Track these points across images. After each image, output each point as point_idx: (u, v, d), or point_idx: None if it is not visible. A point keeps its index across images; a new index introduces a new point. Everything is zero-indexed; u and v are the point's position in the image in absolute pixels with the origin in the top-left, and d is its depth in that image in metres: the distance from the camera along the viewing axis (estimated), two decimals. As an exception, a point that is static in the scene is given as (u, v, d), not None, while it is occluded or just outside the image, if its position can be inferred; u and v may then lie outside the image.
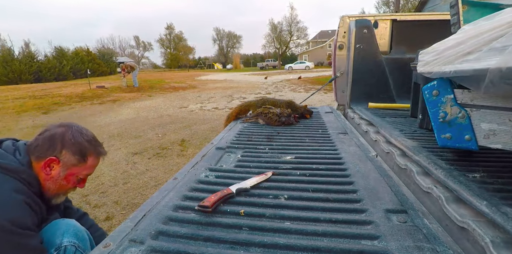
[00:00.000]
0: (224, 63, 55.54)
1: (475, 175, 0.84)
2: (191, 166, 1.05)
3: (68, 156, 0.91)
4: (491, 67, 0.62)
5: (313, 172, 0.97)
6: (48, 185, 0.91)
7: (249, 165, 1.06)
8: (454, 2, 1.33)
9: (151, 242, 0.60)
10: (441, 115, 0.90)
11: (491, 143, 0.81)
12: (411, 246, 0.57)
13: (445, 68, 0.81)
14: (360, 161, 1.06)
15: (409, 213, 0.70)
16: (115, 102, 8.50)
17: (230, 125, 1.79)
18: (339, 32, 2.62)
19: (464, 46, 0.74)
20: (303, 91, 10.36)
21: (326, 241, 0.61)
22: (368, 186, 0.85)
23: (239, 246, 0.60)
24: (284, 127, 1.69)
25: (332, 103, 5.88)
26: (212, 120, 5.65)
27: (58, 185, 0.92)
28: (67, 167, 0.92)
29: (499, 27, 0.65)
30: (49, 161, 0.89)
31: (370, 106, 2.20)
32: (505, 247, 0.56)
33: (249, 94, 9.68)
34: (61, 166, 0.91)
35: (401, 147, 1.17)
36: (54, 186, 0.92)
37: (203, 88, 12.55)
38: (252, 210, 0.73)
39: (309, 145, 1.30)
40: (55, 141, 0.91)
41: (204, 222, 0.68)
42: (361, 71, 2.36)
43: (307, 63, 33.97)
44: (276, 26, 46.14)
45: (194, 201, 0.78)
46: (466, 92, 0.85)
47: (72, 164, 0.92)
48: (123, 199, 2.46)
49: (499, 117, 0.78)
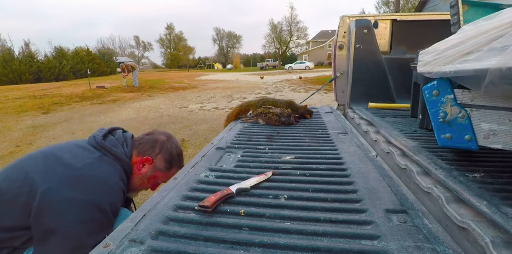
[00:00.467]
0: (224, 63, 55.55)
1: (475, 175, 0.84)
2: (191, 166, 1.05)
3: (160, 161, 1.03)
4: (491, 67, 0.62)
5: (313, 172, 0.97)
6: (133, 180, 1.00)
7: (249, 165, 1.06)
8: (454, 2, 1.33)
9: (151, 242, 0.60)
10: (441, 115, 0.90)
11: (491, 143, 0.81)
12: (411, 246, 0.57)
13: (445, 68, 0.81)
14: (360, 161, 1.06)
15: (409, 213, 0.70)
16: (115, 102, 8.50)
17: (230, 125, 1.79)
18: (339, 32, 2.62)
19: (464, 46, 0.74)
20: (303, 91, 10.36)
21: (326, 241, 0.61)
22: (368, 186, 0.85)
23: (239, 246, 0.60)
24: (284, 126, 1.69)
25: (332, 103, 5.89)
26: (212, 120, 5.65)
27: (140, 182, 1.01)
28: (155, 169, 1.02)
29: (499, 27, 0.65)
30: (145, 159, 1.00)
31: (370, 106, 2.20)
32: (505, 247, 0.55)
33: (249, 94, 9.68)
34: (151, 167, 1.02)
35: (401, 147, 1.17)
36: (138, 182, 1.01)
37: (203, 88, 12.55)
38: (252, 210, 0.73)
39: (309, 145, 1.30)
40: (156, 145, 1.03)
41: (204, 222, 0.68)
42: (361, 71, 2.36)
43: (307, 63, 34.00)
44: (276, 26, 46.20)
45: (194, 201, 0.78)
46: (466, 92, 0.85)
47: (159, 169, 1.03)
48: (123, 199, 2.46)
49: (499, 117, 0.78)
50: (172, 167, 1.07)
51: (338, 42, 2.64)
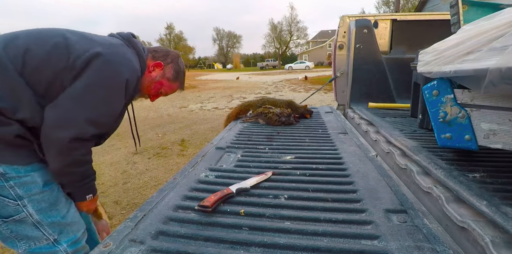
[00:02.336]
0: (224, 63, 55.53)
1: (475, 175, 0.84)
2: (191, 166, 1.05)
3: (169, 70, 1.09)
4: (491, 67, 0.62)
5: (313, 171, 0.97)
6: (142, 80, 1.04)
7: (249, 165, 1.06)
8: (454, 2, 1.33)
9: (151, 242, 0.60)
10: (441, 115, 0.91)
11: (491, 142, 0.81)
12: (411, 246, 0.57)
13: (445, 68, 0.81)
14: (360, 161, 1.06)
15: (409, 213, 0.70)
16: (115, 102, 8.48)
17: (230, 125, 1.79)
18: (339, 32, 2.62)
19: (464, 46, 0.74)
20: (303, 91, 10.36)
21: (326, 241, 0.61)
22: (368, 186, 0.85)
23: (239, 246, 0.60)
24: (284, 126, 1.69)
25: (332, 103, 5.88)
26: (212, 120, 5.65)
27: (147, 84, 1.06)
28: (162, 76, 1.08)
29: (499, 27, 0.65)
30: (158, 64, 1.06)
31: (370, 106, 2.20)
32: (505, 247, 0.56)
33: (249, 94, 9.68)
34: (161, 72, 1.07)
35: (401, 147, 1.17)
36: (145, 83, 1.05)
37: (203, 88, 12.55)
38: (252, 210, 0.73)
39: (309, 145, 1.30)
40: (169, 55, 1.10)
41: (204, 222, 0.68)
42: (361, 71, 2.36)
43: (307, 63, 33.99)
44: (276, 26, 46.17)
45: (194, 201, 0.78)
46: (466, 92, 0.85)
47: (167, 77, 1.09)
48: (123, 199, 2.46)
49: (499, 117, 0.78)
50: (177, 80, 1.13)
51: (338, 42, 2.64)
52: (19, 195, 0.82)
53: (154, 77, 1.07)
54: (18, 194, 0.82)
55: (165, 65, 1.08)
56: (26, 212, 0.83)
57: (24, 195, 0.83)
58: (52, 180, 0.90)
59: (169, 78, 1.10)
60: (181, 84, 1.17)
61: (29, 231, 0.85)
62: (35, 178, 0.85)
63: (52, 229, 0.88)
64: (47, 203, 0.87)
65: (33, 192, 0.84)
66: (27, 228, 0.85)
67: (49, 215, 0.88)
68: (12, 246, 0.86)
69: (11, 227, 0.84)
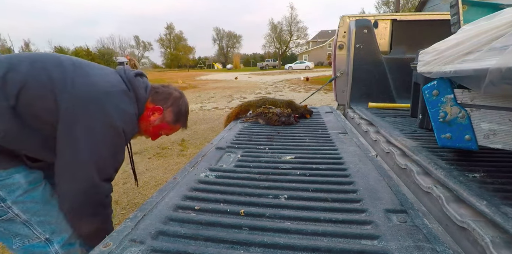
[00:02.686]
0: (224, 63, 55.54)
1: (475, 175, 0.84)
2: (191, 166, 1.05)
3: (170, 114, 1.09)
4: (491, 67, 0.62)
5: (313, 171, 0.97)
6: (140, 123, 1.05)
7: (249, 165, 1.06)
8: (454, 2, 1.33)
9: (151, 242, 0.60)
10: (441, 115, 0.91)
11: (491, 142, 0.81)
12: (411, 246, 0.57)
13: (445, 68, 0.81)
14: (360, 160, 1.06)
15: (409, 213, 0.70)
16: (115, 102, 8.48)
17: (230, 125, 1.79)
18: (339, 32, 2.61)
19: (464, 46, 0.74)
20: (303, 91, 10.36)
21: (326, 241, 0.61)
22: (368, 186, 0.85)
23: (239, 246, 0.60)
24: (284, 126, 1.69)
25: (332, 103, 5.88)
26: (212, 120, 5.65)
27: (145, 127, 1.08)
28: (163, 120, 1.08)
29: (499, 27, 0.65)
30: (157, 108, 1.06)
31: (370, 106, 2.20)
32: (505, 247, 0.56)
33: (249, 94, 9.68)
34: (160, 117, 1.07)
35: (401, 147, 1.17)
36: (143, 127, 1.07)
37: (203, 88, 12.55)
38: (252, 210, 0.73)
39: (309, 145, 1.30)
40: (170, 98, 1.09)
41: (204, 222, 0.68)
42: (361, 71, 2.36)
43: (307, 63, 34.01)
44: (276, 26, 46.20)
45: (194, 201, 0.78)
46: (466, 92, 0.85)
47: (167, 120, 1.09)
48: (123, 199, 2.46)
49: (499, 117, 0.78)
50: (178, 122, 1.13)
51: (338, 42, 2.63)
52: (1, 197, 0.82)
53: (153, 122, 1.07)
54: (0, 196, 0.82)
55: (164, 109, 1.07)
56: (12, 213, 0.84)
57: (7, 196, 0.83)
58: (37, 179, 0.90)
59: (168, 122, 1.10)
60: (183, 124, 1.18)
61: (20, 229, 0.87)
62: (17, 179, 0.85)
63: (42, 228, 0.89)
64: (33, 202, 0.88)
65: (17, 193, 0.85)
66: (17, 226, 0.86)
67: (38, 215, 0.88)
68: (8, 242, 0.88)
69: (3, 225, 0.85)
